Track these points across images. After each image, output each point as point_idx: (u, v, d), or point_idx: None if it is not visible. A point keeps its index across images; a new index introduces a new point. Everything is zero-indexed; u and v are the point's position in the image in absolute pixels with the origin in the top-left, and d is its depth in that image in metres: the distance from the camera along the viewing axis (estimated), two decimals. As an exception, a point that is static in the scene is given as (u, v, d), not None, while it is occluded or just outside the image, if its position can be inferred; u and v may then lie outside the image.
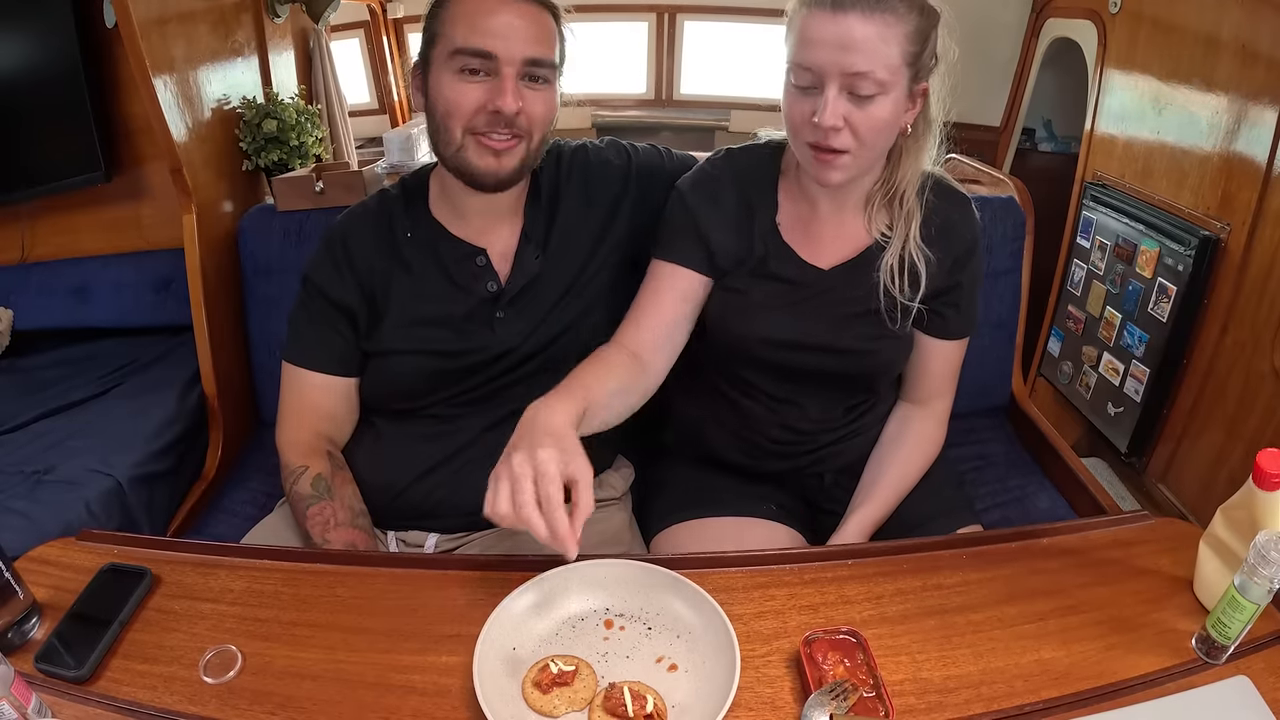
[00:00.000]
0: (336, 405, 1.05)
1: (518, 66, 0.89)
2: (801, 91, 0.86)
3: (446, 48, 0.89)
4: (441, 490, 1.02)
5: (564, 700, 0.66)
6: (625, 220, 1.06)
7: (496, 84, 0.89)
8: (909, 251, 0.95)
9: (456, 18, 0.89)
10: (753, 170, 1.00)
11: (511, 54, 0.88)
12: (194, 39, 1.47)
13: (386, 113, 3.11)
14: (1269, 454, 0.69)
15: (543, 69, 0.91)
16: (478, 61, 0.88)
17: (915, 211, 0.95)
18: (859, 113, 0.83)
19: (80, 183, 1.63)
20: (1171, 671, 0.70)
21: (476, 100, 0.89)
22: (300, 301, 1.05)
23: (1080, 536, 0.87)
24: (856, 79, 0.82)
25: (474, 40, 0.87)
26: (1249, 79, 1.51)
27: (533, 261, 1.01)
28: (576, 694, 0.66)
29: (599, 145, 1.09)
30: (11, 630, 0.72)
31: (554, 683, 0.67)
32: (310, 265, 1.04)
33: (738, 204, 0.99)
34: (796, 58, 0.85)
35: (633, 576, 0.78)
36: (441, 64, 0.90)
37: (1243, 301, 1.54)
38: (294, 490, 0.98)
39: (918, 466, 1.05)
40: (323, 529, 0.94)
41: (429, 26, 0.92)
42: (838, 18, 0.81)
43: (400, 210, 1.03)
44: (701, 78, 3.30)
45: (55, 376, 1.57)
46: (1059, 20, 2.26)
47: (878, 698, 0.66)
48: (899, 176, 0.95)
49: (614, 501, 1.12)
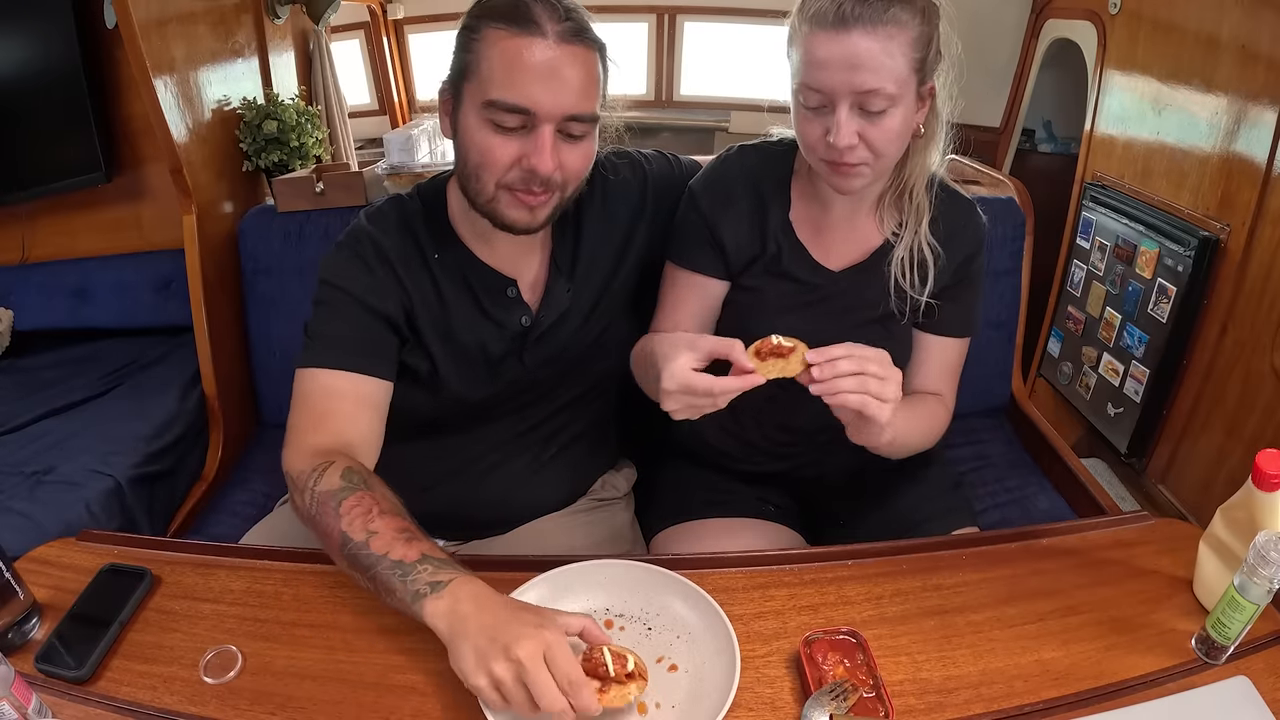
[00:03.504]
0: (368, 421, 0.88)
1: (556, 123, 0.81)
2: (812, 112, 0.85)
3: (480, 94, 0.80)
4: (450, 503, 1.02)
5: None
6: (644, 234, 1.04)
7: (533, 140, 0.81)
8: (919, 246, 0.95)
9: (493, 61, 0.79)
10: (766, 167, 1.00)
11: (551, 112, 0.79)
12: (194, 40, 1.47)
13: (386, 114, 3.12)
14: (1268, 454, 0.69)
15: (583, 124, 0.83)
16: (514, 118, 0.80)
17: (925, 207, 0.95)
18: (873, 128, 0.83)
19: (80, 183, 1.63)
20: (1171, 672, 0.70)
21: (511, 156, 0.81)
22: (323, 306, 0.90)
23: (1080, 537, 0.87)
24: (867, 97, 0.81)
25: (510, 96, 0.79)
26: (1249, 79, 1.51)
27: (564, 295, 0.97)
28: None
29: (613, 161, 1.05)
30: (11, 630, 0.72)
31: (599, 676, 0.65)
32: (332, 269, 0.91)
33: (751, 200, 0.99)
34: (804, 79, 0.84)
35: (633, 576, 0.78)
36: (473, 108, 0.82)
37: (1243, 302, 1.54)
38: (317, 491, 0.77)
39: (929, 409, 1.01)
40: (365, 519, 0.74)
41: (461, 54, 0.83)
42: (841, 36, 0.80)
43: (422, 226, 0.94)
44: (701, 78, 3.30)
45: (55, 377, 1.57)
46: (1059, 21, 2.26)
47: (878, 698, 0.66)
48: (908, 173, 0.95)
49: (615, 501, 1.12)
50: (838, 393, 0.74)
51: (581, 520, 1.07)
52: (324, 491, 0.77)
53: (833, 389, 0.74)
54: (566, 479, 1.08)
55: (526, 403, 1.02)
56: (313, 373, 0.87)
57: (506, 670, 0.61)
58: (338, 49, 2.29)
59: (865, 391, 0.74)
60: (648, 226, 1.04)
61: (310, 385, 0.87)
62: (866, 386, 0.74)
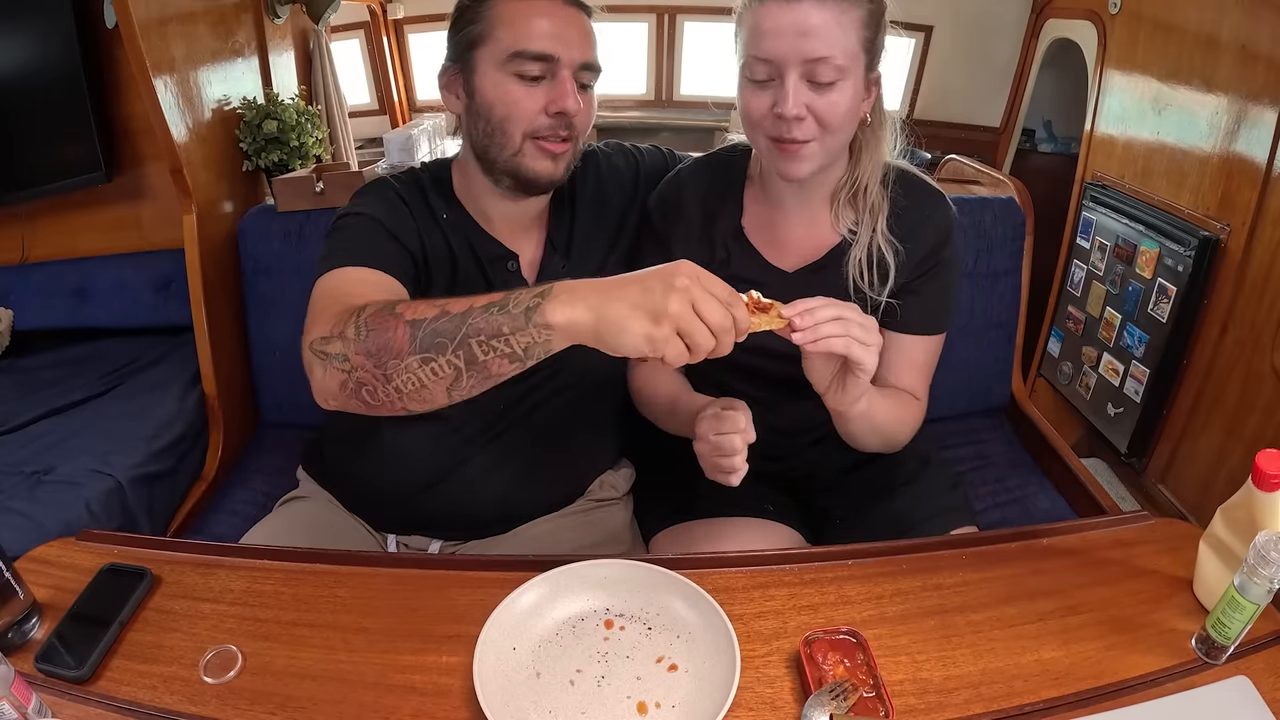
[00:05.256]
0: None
1: (575, 69, 0.88)
2: (759, 85, 0.86)
3: (500, 50, 0.87)
4: (447, 502, 1.02)
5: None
6: (634, 224, 1.07)
7: (556, 86, 0.88)
8: (876, 244, 0.95)
9: (507, 20, 0.87)
10: (719, 175, 1.02)
11: (571, 57, 0.87)
12: (194, 39, 1.47)
13: (386, 113, 3.12)
14: (1268, 454, 0.68)
15: (593, 73, 0.91)
16: (538, 66, 0.87)
17: (881, 204, 0.95)
18: (821, 100, 0.84)
19: (80, 183, 1.63)
20: (1171, 671, 0.70)
21: (539, 103, 0.88)
22: (344, 230, 0.90)
23: (1080, 537, 0.87)
24: (817, 65, 0.82)
25: (535, 44, 0.86)
26: (1249, 79, 1.51)
27: (560, 271, 1.01)
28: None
29: (607, 151, 1.10)
30: (11, 630, 0.72)
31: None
32: (356, 203, 0.94)
33: (700, 210, 1.00)
34: (752, 50, 0.84)
35: (633, 576, 0.78)
36: (495, 66, 0.88)
37: (1243, 302, 1.54)
38: (364, 317, 0.71)
39: (899, 396, 1.00)
40: (428, 304, 0.69)
41: (466, 29, 0.90)
42: (793, 5, 0.81)
43: (433, 192, 0.98)
44: (701, 78, 3.31)
45: (55, 377, 1.57)
46: (1059, 21, 2.26)
47: (878, 698, 0.66)
48: (861, 170, 0.95)
49: (614, 501, 1.12)
50: (820, 338, 0.73)
51: (580, 520, 1.08)
52: (372, 313, 0.71)
53: (815, 335, 0.73)
54: (564, 478, 1.08)
55: (519, 393, 1.02)
56: (333, 272, 0.84)
57: (679, 300, 0.61)
58: (338, 49, 2.30)
59: (848, 335, 0.74)
60: (639, 213, 1.07)
61: (330, 281, 0.83)
62: (849, 330, 0.74)
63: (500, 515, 1.05)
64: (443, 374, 0.68)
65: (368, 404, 0.72)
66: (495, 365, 0.67)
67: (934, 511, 1.05)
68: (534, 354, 0.66)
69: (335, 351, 0.72)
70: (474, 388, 0.69)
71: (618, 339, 0.63)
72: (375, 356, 0.69)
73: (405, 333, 0.68)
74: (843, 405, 0.84)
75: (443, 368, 0.68)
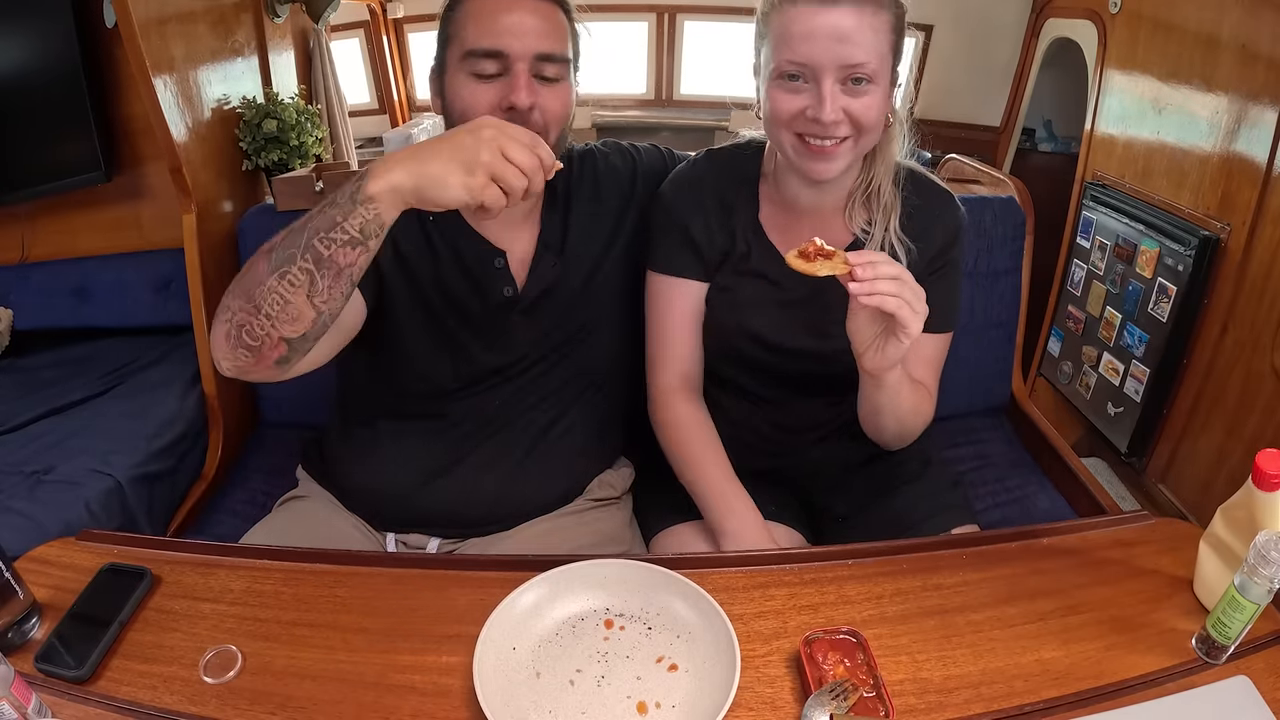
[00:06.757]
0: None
1: (529, 62, 0.88)
2: (791, 89, 0.85)
3: (459, 51, 0.89)
4: (445, 498, 1.02)
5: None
6: (632, 223, 1.06)
7: (509, 82, 0.87)
8: (889, 243, 0.95)
9: (466, 20, 0.88)
10: (733, 169, 1.01)
11: (523, 50, 0.87)
12: (194, 39, 1.47)
13: (386, 113, 3.12)
14: (1268, 454, 0.68)
15: (555, 64, 0.90)
16: (490, 63, 0.87)
17: (894, 204, 0.96)
18: (856, 103, 0.84)
19: (80, 183, 1.63)
20: (1171, 671, 0.70)
21: (490, 100, 0.88)
22: None
23: (1080, 536, 0.87)
24: (853, 70, 0.82)
25: (484, 41, 0.87)
26: (1249, 79, 1.51)
27: (550, 270, 1.00)
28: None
29: (604, 149, 1.10)
30: (11, 630, 0.72)
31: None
32: None
33: (719, 200, 1.00)
34: (785, 54, 0.84)
35: (633, 576, 0.78)
36: (455, 67, 0.89)
37: (1243, 301, 1.54)
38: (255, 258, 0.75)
39: (914, 386, 0.99)
40: (280, 234, 0.74)
41: (442, 31, 0.92)
42: (828, 9, 0.81)
43: None
44: (701, 78, 3.31)
45: (55, 376, 1.57)
46: (1059, 20, 2.26)
47: (878, 698, 0.66)
48: (875, 170, 0.95)
49: (614, 501, 1.12)
50: (875, 293, 0.77)
51: (579, 520, 1.07)
52: (245, 264, 0.76)
53: (872, 289, 0.77)
54: (561, 476, 1.08)
55: (516, 388, 1.03)
56: None
57: (488, 149, 0.68)
58: (337, 48, 2.30)
59: (901, 296, 0.77)
60: (637, 212, 1.06)
61: None
62: (903, 292, 0.77)
63: (497, 512, 1.05)
64: (298, 281, 0.72)
65: (249, 346, 0.75)
66: (341, 256, 0.72)
67: (934, 510, 1.05)
68: (370, 231, 0.72)
69: (223, 307, 0.77)
70: (331, 289, 0.73)
71: (439, 193, 0.69)
72: (246, 293, 0.74)
73: (265, 261, 0.73)
74: (880, 367, 0.86)
75: (297, 276, 0.72)
